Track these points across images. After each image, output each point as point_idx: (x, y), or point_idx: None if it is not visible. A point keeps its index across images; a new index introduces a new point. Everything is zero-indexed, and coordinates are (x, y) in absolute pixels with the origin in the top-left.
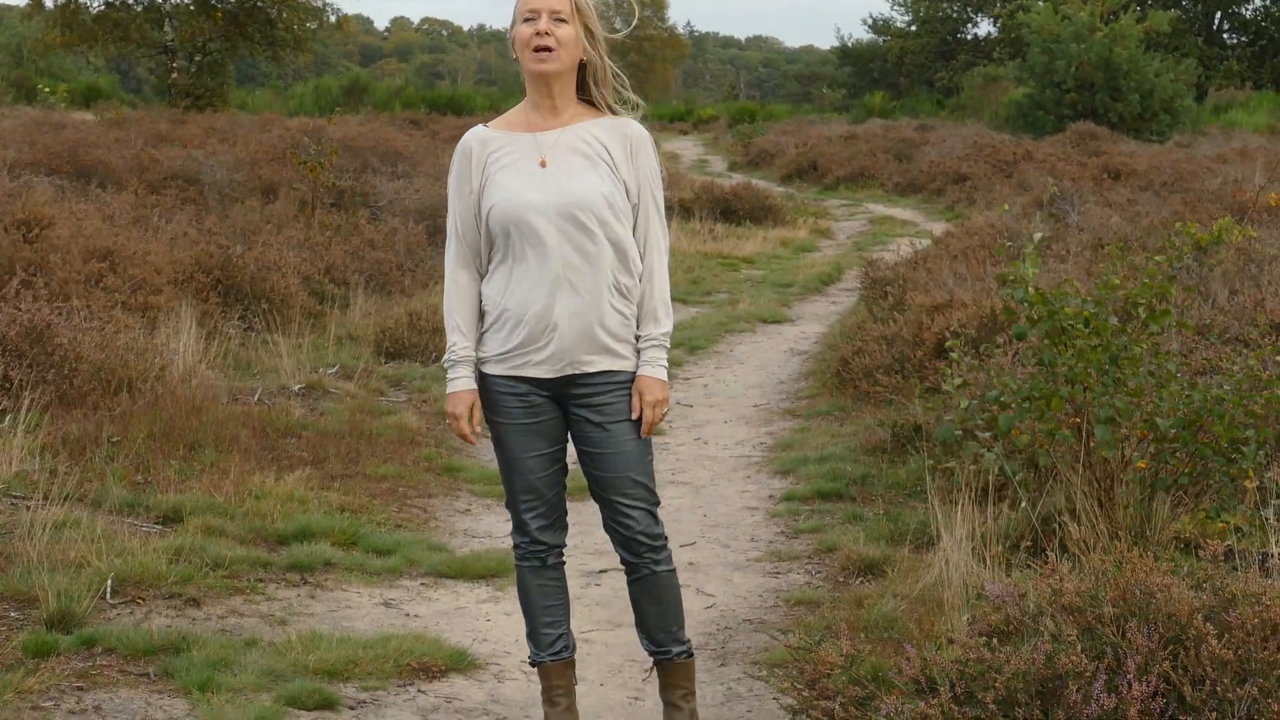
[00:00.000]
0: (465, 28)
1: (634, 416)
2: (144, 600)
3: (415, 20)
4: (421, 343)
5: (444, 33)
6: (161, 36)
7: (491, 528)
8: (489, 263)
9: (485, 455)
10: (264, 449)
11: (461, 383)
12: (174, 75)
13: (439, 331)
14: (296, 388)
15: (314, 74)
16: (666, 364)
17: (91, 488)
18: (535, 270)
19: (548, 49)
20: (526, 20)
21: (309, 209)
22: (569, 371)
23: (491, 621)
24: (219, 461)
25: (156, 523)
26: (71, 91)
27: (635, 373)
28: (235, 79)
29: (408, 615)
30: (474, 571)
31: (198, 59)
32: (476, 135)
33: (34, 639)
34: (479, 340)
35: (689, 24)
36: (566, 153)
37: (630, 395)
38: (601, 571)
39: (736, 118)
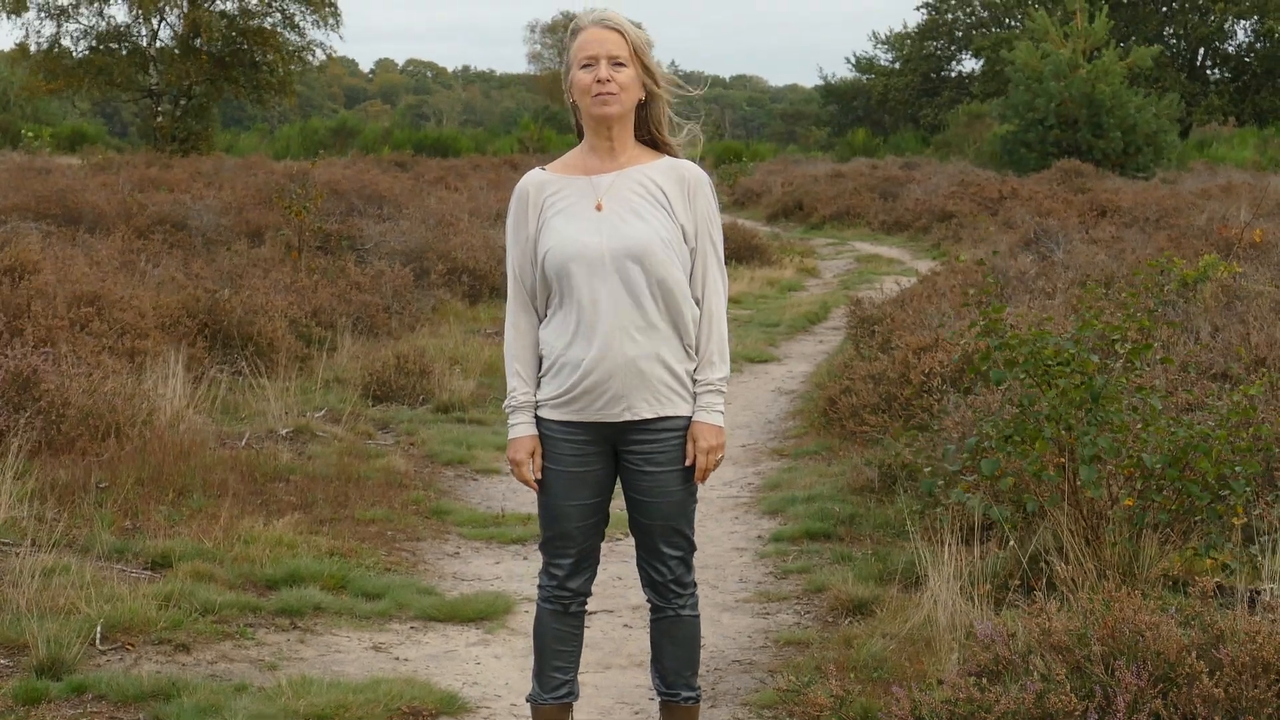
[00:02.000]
0: (450, 69)
1: (687, 463)
2: (134, 646)
3: (400, 62)
4: (409, 385)
5: (429, 74)
6: (146, 80)
7: (481, 570)
8: (547, 307)
9: (474, 498)
10: (252, 493)
11: (522, 428)
12: (159, 119)
13: (426, 374)
14: (284, 431)
15: (299, 116)
16: (723, 409)
17: (80, 534)
18: (591, 315)
19: (610, 93)
20: (585, 66)
21: (295, 252)
22: (626, 417)
23: (482, 665)
24: (208, 506)
25: (145, 568)
26: (57, 136)
27: (689, 418)
28: (221, 122)
29: (398, 659)
30: (464, 615)
31: (183, 103)
32: (534, 179)
33: (24, 686)
34: (537, 384)
35: (674, 63)
36: (623, 196)
37: (683, 442)
38: (591, 613)
39: (722, 157)
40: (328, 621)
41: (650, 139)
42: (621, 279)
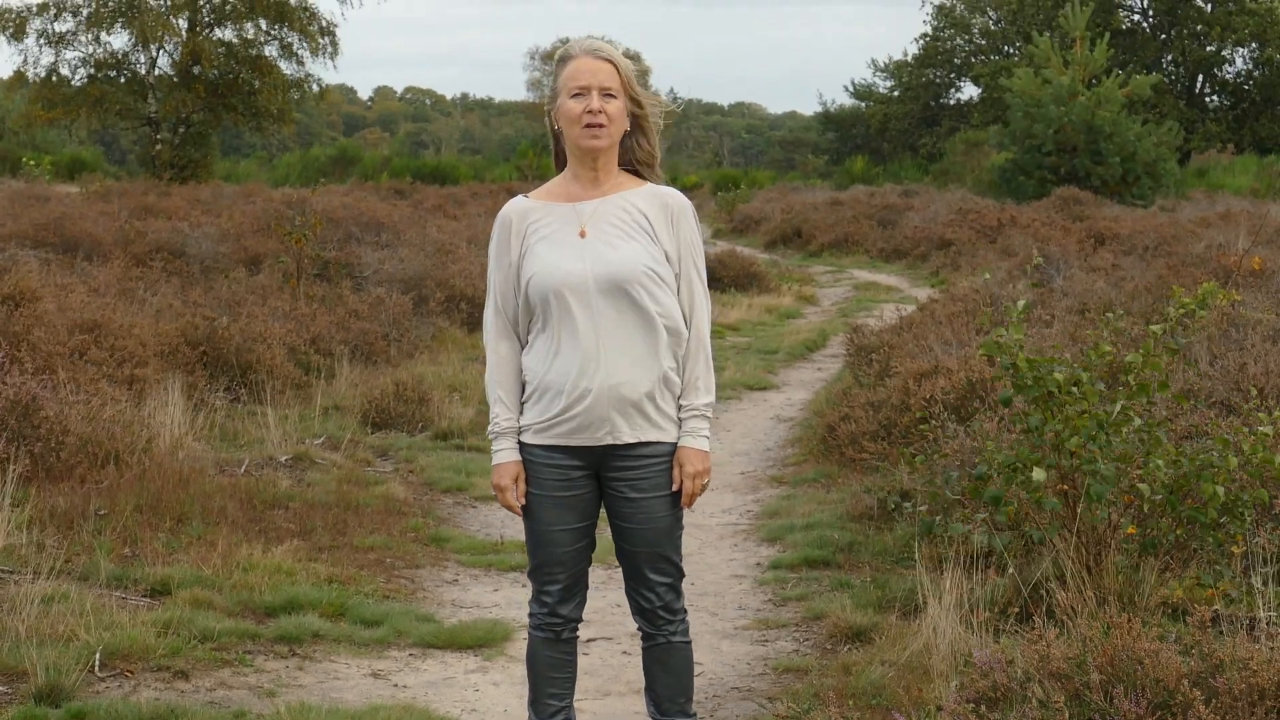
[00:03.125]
0: (449, 96)
1: (674, 488)
2: (133, 673)
3: (399, 89)
4: (408, 413)
5: (427, 102)
6: (145, 108)
7: (479, 598)
8: (529, 333)
9: (472, 525)
10: (251, 521)
11: (505, 454)
12: (158, 147)
13: (425, 401)
14: (283, 459)
15: (298, 144)
16: (709, 435)
17: (79, 561)
18: (574, 341)
19: (600, 125)
20: (575, 95)
21: (294, 280)
22: (608, 441)
23: (480, 692)
24: (207, 534)
25: (145, 595)
26: (56, 164)
27: (675, 444)
28: (220, 150)
29: (396, 686)
30: (462, 642)
31: (181, 131)
32: (517, 206)
33: (23, 713)
34: (520, 409)
35: (672, 91)
36: (606, 222)
37: (668, 467)
38: (590, 640)
39: (720, 184)
40: (326, 648)
41: (633, 167)
42: (605, 305)
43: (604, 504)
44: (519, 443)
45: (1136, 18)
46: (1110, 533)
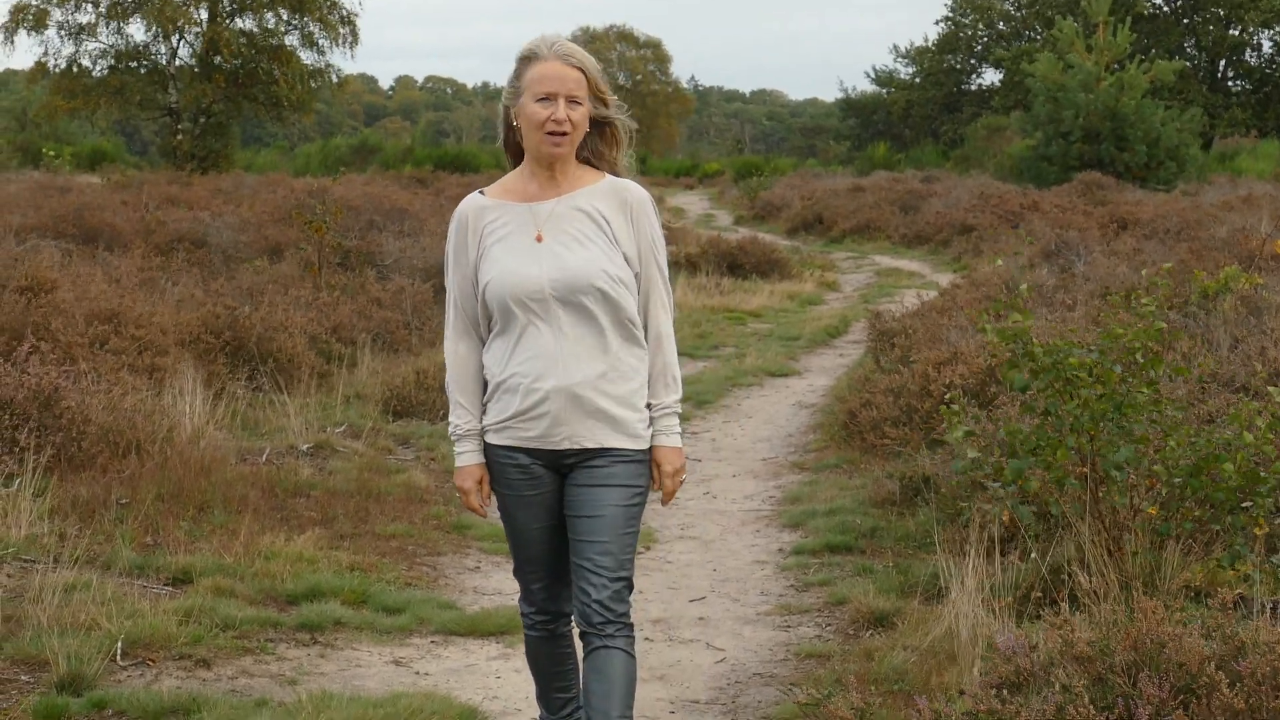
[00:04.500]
0: (469, 85)
1: (655, 489)
2: (154, 662)
3: (420, 79)
4: (429, 401)
5: (448, 91)
6: (165, 99)
7: (501, 585)
8: (489, 332)
9: (494, 512)
10: (273, 509)
11: (468, 457)
12: (179, 137)
13: (444, 389)
14: (305, 447)
15: (320, 134)
16: (680, 431)
17: (101, 550)
18: (533, 344)
19: (564, 134)
20: (541, 100)
21: (315, 269)
22: (565, 445)
23: (502, 679)
24: (228, 522)
25: (166, 584)
26: (77, 155)
27: (637, 450)
28: (241, 140)
29: (418, 673)
30: (484, 629)
31: (202, 121)
32: (473, 204)
33: (45, 702)
34: (484, 410)
35: (693, 78)
36: (563, 225)
37: (628, 466)
38: None
39: (741, 172)
40: (348, 636)
41: (587, 161)
42: (562, 310)
43: (564, 497)
44: (484, 443)
45: (1159, 2)
46: (1132, 516)
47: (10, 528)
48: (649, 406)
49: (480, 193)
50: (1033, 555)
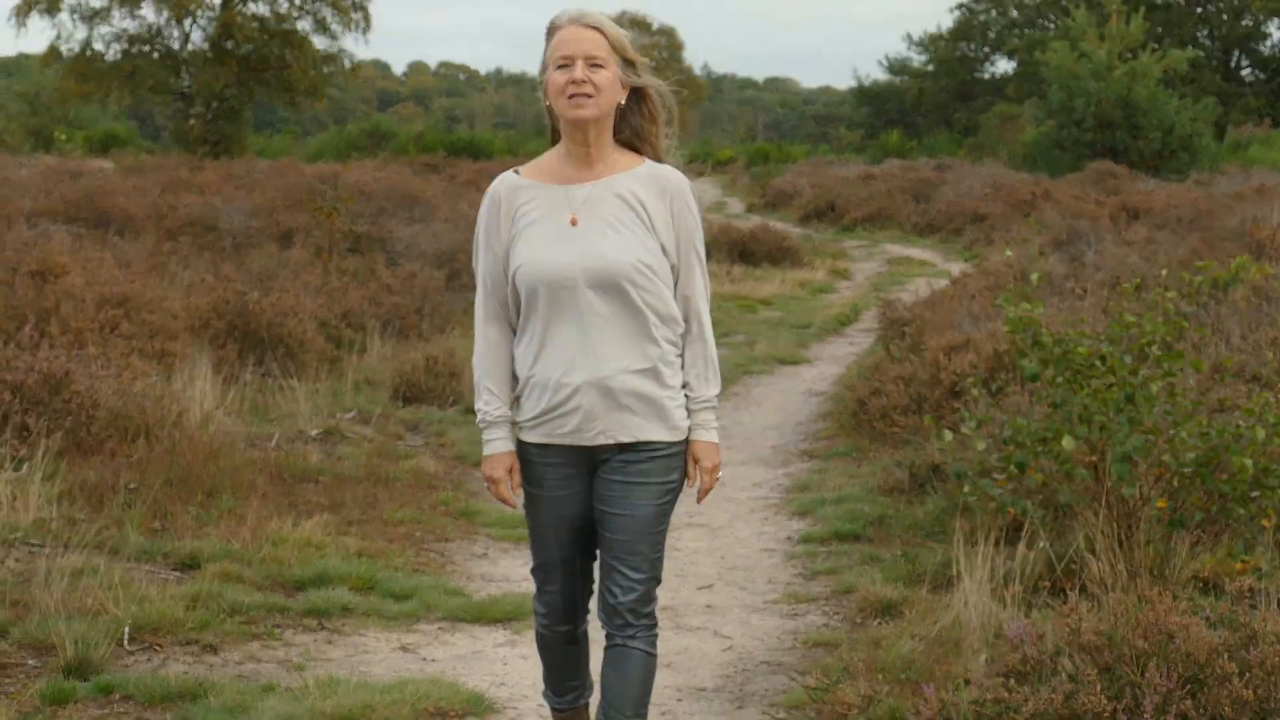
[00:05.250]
0: (483, 71)
1: (690, 484)
2: (161, 647)
3: (433, 65)
4: (439, 387)
5: (461, 77)
6: (178, 84)
7: (509, 571)
8: (519, 317)
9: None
10: (281, 494)
11: (497, 444)
12: (191, 122)
13: (456, 376)
14: (314, 433)
15: (332, 120)
16: (717, 426)
17: (109, 535)
18: (564, 335)
19: (586, 95)
20: (560, 67)
21: (326, 254)
22: (600, 441)
23: (509, 665)
24: (236, 508)
25: (174, 569)
26: (89, 139)
27: (674, 443)
28: (254, 125)
29: (425, 659)
30: (492, 615)
31: (214, 106)
32: (507, 183)
33: (52, 687)
34: (515, 405)
35: (706, 66)
36: (599, 211)
37: (664, 461)
38: None
39: (754, 159)
40: (355, 622)
41: (628, 141)
42: (595, 299)
43: (594, 492)
44: (516, 439)
45: None
46: (1141, 506)
47: (19, 512)
48: (686, 399)
49: (515, 171)
50: (1042, 545)
